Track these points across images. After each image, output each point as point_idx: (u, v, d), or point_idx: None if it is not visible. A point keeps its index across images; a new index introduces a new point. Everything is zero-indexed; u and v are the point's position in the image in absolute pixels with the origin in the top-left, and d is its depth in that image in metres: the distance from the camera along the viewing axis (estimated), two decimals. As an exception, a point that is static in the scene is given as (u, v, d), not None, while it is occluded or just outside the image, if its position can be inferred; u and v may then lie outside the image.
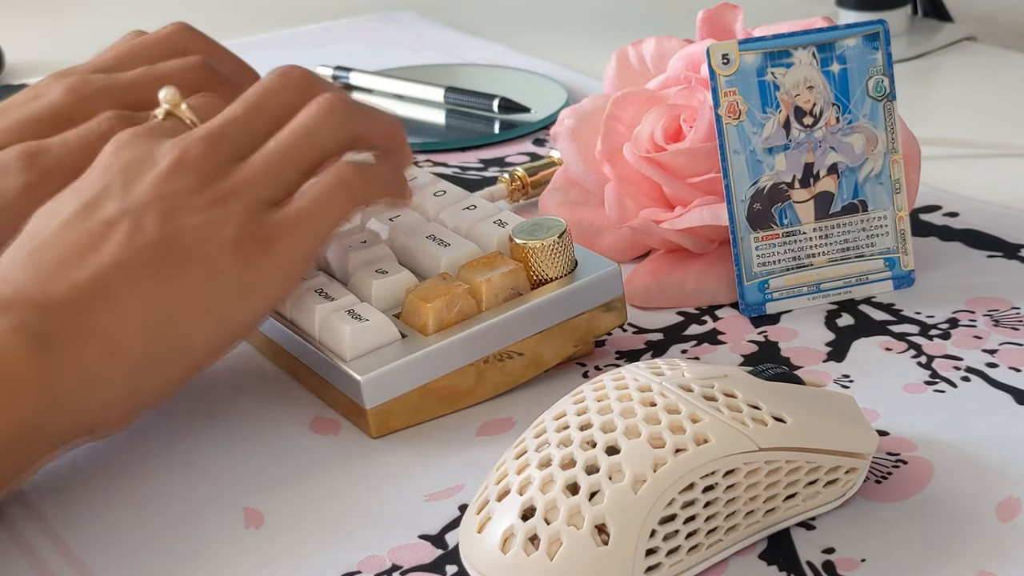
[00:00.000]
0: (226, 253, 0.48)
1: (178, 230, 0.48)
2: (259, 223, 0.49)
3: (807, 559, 0.43)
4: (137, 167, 0.50)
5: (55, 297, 0.46)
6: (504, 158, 0.77)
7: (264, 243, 0.49)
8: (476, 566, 0.41)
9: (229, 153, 0.50)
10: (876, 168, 0.57)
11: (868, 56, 0.56)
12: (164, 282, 0.47)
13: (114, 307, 0.46)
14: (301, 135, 0.51)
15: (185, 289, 0.47)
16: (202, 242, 0.48)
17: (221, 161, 0.50)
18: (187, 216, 0.48)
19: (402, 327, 0.52)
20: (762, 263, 0.57)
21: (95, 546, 0.46)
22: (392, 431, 0.51)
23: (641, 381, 0.43)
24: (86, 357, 0.45)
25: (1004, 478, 0.46)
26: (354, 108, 0.52)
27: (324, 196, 0.50)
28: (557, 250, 0.53)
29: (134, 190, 0.49)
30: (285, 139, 0.51)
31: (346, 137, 0.52)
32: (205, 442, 0.51)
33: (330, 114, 0.52)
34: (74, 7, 1.17)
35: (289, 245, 0.49)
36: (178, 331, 0.47)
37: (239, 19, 1.11)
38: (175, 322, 0.47)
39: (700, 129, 0.58)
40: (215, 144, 0.50)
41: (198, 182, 0.49)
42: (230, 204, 0.49)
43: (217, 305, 0.48)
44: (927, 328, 0.55)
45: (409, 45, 0.99)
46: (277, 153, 0.51)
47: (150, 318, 0.47)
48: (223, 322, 0.48)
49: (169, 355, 0.47)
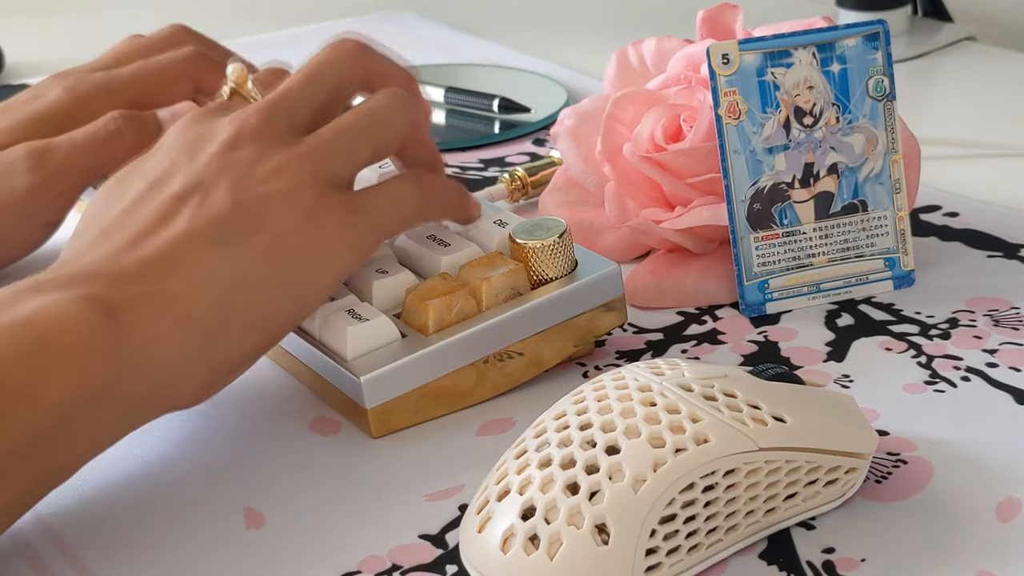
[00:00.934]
0: (302, 219, 0.48)
1: (248, 198, 0.48)
2: (338, 194, 0.49)
3: (807, 559, 0.43)
4: (198, 143, 0.50)
5: (126, 269, 0.46)
6: (504, 158, 0.77)
7: (343, 214, 0.49)
8: (476, 566, 0.41)
9: (286, 123, 0.50)
10: (876, 168, 0.57)
11: (868, 56, 0.56)
12: (234, 248, 0.47)
13: (184, 275, 0.46)
14: (369, 117, 0.51)
15: (255, 255, 0.47)
16: (275, 209, 0.48)
17: (280, 130, 0.50)
18: (256, 185, 0.48)
19: (402, 327, 0.52)
20: (762, 263, 0.57)
21: (95, 546, 0.46)
22: (392, 431, 0.51)
23: (641, 381, 0.43)
24: (157, 325, 0.45)
25: (1004, 478, 0.46)
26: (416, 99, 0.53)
27: (400, 191, 0.51)
28: (557, 250, 0.53)
29: (198, 163, 0.49)
30: (354, 118, 0.51)
31: (407, 130, 0.53)
32: (205, 442, 0.51)
33: (397, 103, 0.52)
34: (74, 7, 1.17)
35: (366, 223, 0.49)
36: (249, 299, 0.47)
37: (239, 19, 1.11)
38: (246, 290, 0.47)
39: (700, 129, 0.58)
40: (272, 115, 0.50)
41: (258, 151, 0.49)
42: (303, 171, 0.49)
43: (286, 272, 0.48)
44: (927, 328, 0.55)
45: (409, 45, 0.99)
46: (345, 129, 0.51)
47: (221, 286, 0.46)
48: (293, 289, 0.48)
49: (241, 325, 0.47)
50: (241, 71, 0.53)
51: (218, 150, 0.49)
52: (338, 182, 0.50)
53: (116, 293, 0.45)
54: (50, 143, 0.57)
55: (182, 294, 0.46)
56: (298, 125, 0.51)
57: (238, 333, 0.47)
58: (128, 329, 0.44)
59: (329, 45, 0.54)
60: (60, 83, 0.60)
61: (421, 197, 0.52)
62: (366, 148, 0.51)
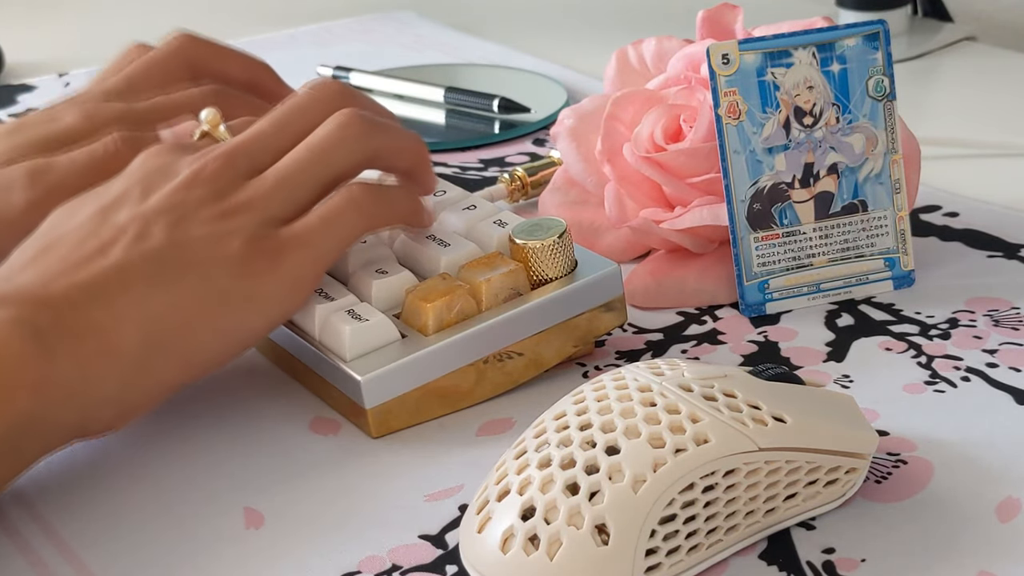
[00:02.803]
0: (228, 266, 0.48)
1: (184, 239, 0.48)
2: (266, 237, 0.49)
3: (807, 559, 0.43)
4: (156, 177, 0.51)
5: (53, 294, 0.46)
6: (504, 158, 0.77)
7: (271, 257, 0.49)
8: (476, 566, 0.41)
9: (246, 168, 0.51)
10: (876, 168, 0.57)
11: (868, 56, 0.56)
12: (160, 287, 0.47)
13: (110, 307, 0.47)
14: (314, 152, 0.51)
15: (181, 296, 0.48)
16: (205, 253, 0.48)
17: (237, 175, 0.50)
18: (195, 227, 0.49)
19: (402, 327, 0.52)
20: (762, 263, 0.57)
21: (95, 546, 0.46)
22: (392, 431, 0.51)
23: (641, 381, 0.43)
24: (81, 353, 0.46)
25: (1004, 478, 0.46)
26: (373, 126, 0.52)
27: (333, 215, 0.50)
28: (557, 250, 0.53)
29: (149, 199, 0.50)
30: (298, 156, 0.51)
31: (363, 156, 0.52)
32: (205, 442, 0.51)
33: (346, 131, 0.51)
34: (74, 7, 1.17)
35: (296, 260, 0.49)
36: (173, 336, 0.47)
37: (239, 19, 1.11)
38: (170, 327, 0.47)
39: (700, 129, 0.58)
40: (231, 160, 0.51)
41: (211, 194, 0.50)
42: (239, 218, 0.49)
43: (214, 315, 0.48)
44: (927, 328, 0.55)
45: (409, 45, 0.99)
46: (289, 169, 0.51)
47: (145, 321, 0.47)
48: (221, 332, 0.49)
49: (164, 359, 0.48)
50: (214, 116, 0.55)
51: (172, 188, 0.50)
52: (279, 223, 0.50)
53: (42, 318, 0.45)
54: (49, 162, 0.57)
55: (107, 325, 0.46)
56: (259, 169, 0.51)
57: (161, 366, 0.48)
58: (56, 357, 0.45)
59: (307, 87, 0.54)
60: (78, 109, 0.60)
61: (359, 216, 0.51)
62: (312, 187, 0.51)
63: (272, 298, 0.49)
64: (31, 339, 0.45)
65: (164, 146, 0.52)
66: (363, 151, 0.52)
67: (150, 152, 0.52)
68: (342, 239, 0.51)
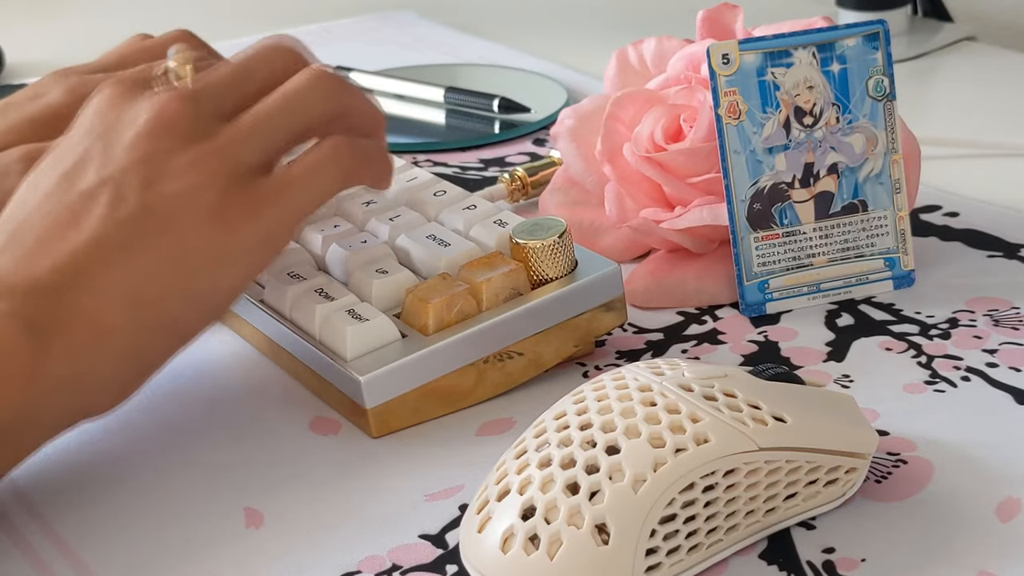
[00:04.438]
0: (204, 220, 0.47)
1: (158, 197, 0.47)
2: (243, 189, 0.48)
3: (807, 559, 0.43)
4: (115, 128, 0.48)
5: (39, 281, 0.46)
6: (504, 158, 0.77)
7: (248, 209, 0.48)
8: (476, 566, 0.41)
9: (210, 112, 0.49)
10: (876, 168, 0.57)
11: (868, 56, 0.56)
12: (138, 254, 0.46)
13: (94, 288, 0.46)
14: (289, 100, 0.50)
15: (159, 259, 0.47)
16: (180, 209, 0.47)
17: (202, 119, 0.48)
18: (167, 182, 0.47)
19: (402, 327, 0.52)
20: (762, 263, 0.57)
21: (95, 546, 0.46)
22: (392, 431, 0.51)
23: (641, 381, 0.43)
24: (73, 341, 0.45)
25: (1004, 478, 0.46)
26: (342, 83, 0.51)
27: (317, 168, 0.49)
28: (557, 250, 0.53)
29: (114, 154, 0.48)
30: (272, 103, 0.50)
31: (332, 109, 0.51)
32: (205, 442, 0.51)
33: (318, 83, 0.50)
34: (74, 7, 1.17)
35: (274, 213, 0.48)
36: (158, 306, 0.47)
37: (239, 19, 1.11)
38: (154, 297, 0.47)
39: (700, 129, 0.58)
40: (195, 102, 0.49)
41: (178, 142, 0.48)
42: (212, 167, 0.47)
43: (195, 277, 0.47)
44: (927, 328, 0.55)
45: (409, 45, 0.99)
46: (263, 116, 0.49)
47: (130, 294, 0.46)
48: (202, 293, 0.48)
49: (152, 330, 0.47)
50: (185, 54, 0.52)
51: (134, 139, 0.48)
52: (253, 171, 0.48)
53: (33, 308, 0.45)
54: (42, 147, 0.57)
55: (95, 307, 0.46)
56: (223, 115, 0.49)
57: (151, 339, 0.47)
58: (48, 347, 0.45)
59: (262, 42, 0.52)
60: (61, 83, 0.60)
61: (338, 168, 0.50)
62: (285, 135, 0.50)
63: (248, 252, 0.48)
64: (25, 332, 0.44)
65: (115, 91, 0.50)
66: (335, 105, 0.51)
67: (104, 99, 0.50)
68: (323, 192, 0.50)
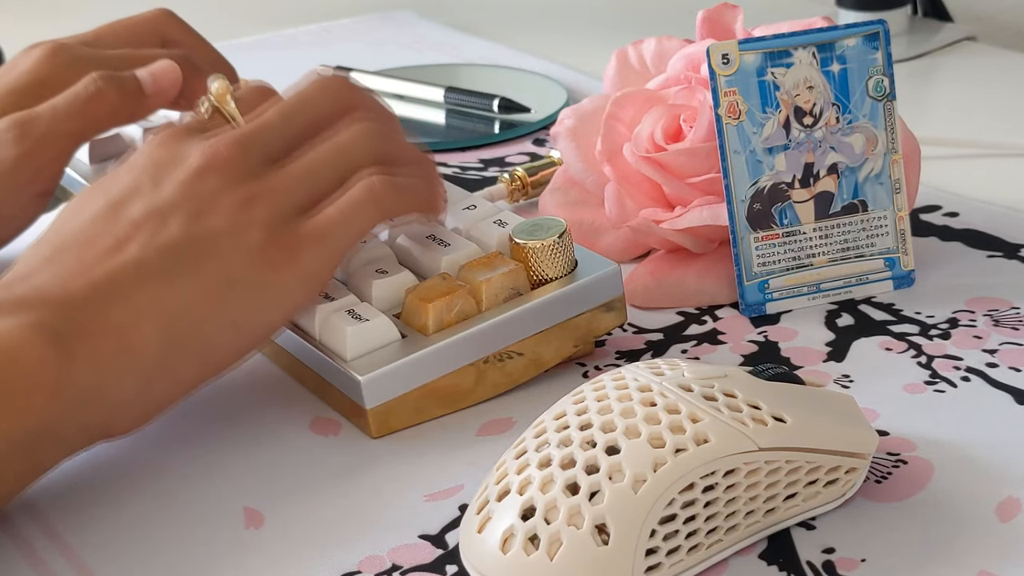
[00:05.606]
0: (248, 257, 0.48)
1: (203, 231, 0.48)
2: (286, 230, 0.49)
3: (807, 559, 0.43)
4: (166, 167, 0.49)
5: (73, 296, 0.46)
6: (504, 158, 0.77)
7: (289, 250, 0.48)
8: (476, 566, 0.41)
9: (259, 156, 0.50)
10: (876, 168, 0.57)
11: (868, 56, 0.56)
12: (177, 280, 0.47)
13: (128, 305, 0.46)
14: (339, 152, 0.51)
15: (198, 288, 0.47)
16: (225, 244, 0.48)
17: (251, 163, 0.50)
18: (214, 217, 0.48)
19: (402, 327, 0.52)
20: (762, 263, 0.57)
21: (96, 546, 0.46)
22: (392, 431, 0.51)
23: (641, 381, 0.43)
24: (100, 356, 0.45)
25: (1004, 478, 0.46)
26: (388, 137, 0.52)
27: (352, 208, 0.50)
28: (557, 250, 0.53)
29: (162, 189, 0.49)
30: (323, 153, 0.51)
31: (377, 159, 0.51)
32: (205, 442, 0.51)
33: (367, 137, 0.51)
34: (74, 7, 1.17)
35: (314, 254, 0.49)
36: (192, 331, 0.47)
37: (239, 19, 1.11)
38: (189, 322, 0.47)
39: (700, 129, 0.58)
40: (244, 147, 0.50)
41: (227, 183, 0.49)
42: (258, 208, 0.48)
43: (232, 308, 0.48)
44: (927, 328, 0.55)
45: (409, 45, 0.99)
46: (312, 166, 0.50)
47: (164, 317, 0.46)
48: (238, 326, 0.48)
49: (183, 356, 0.47)
50: (223, 87, 0.52)
51: (184, 177, 0.49)
52: (297, 212, 0.49)
53: (63, 321, 0.45)
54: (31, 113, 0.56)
55: (126, 323, 0.46)
56: (271, 157, 0.50)
57: (180, 364, 0.47)
58: (75, 359, 0.45)
59: (314, 79, 0.53)
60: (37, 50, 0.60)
61: (377, 209, 0.50)
62: (330, 182, 0.51)
63: (289, 291, 0.49)
64: (51, 343, 0.44)
65: (169, 133, 0.51)
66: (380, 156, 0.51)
67: (157, 140, 0.51)
68: (359, 232, 0.50)
